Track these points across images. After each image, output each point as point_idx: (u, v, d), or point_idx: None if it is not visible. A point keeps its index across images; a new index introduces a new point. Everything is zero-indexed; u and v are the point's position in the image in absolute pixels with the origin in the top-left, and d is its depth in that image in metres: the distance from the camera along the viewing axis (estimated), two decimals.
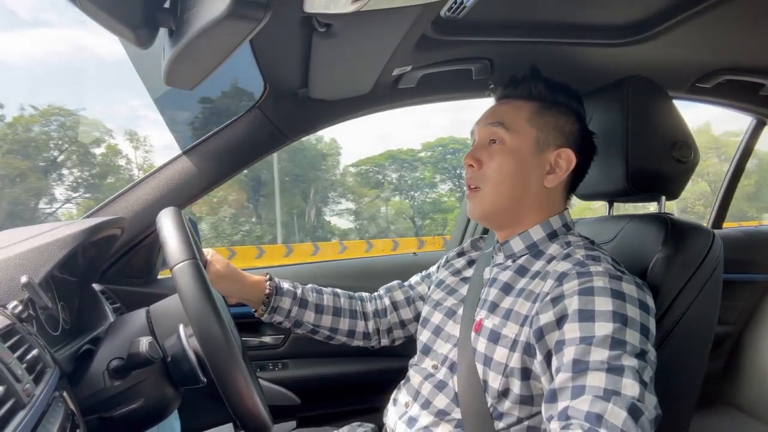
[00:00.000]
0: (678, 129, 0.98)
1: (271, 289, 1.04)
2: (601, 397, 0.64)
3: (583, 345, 0.68)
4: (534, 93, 0.91)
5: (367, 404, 1.43)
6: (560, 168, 0.88)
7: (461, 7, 0.90)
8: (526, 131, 0.88)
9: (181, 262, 0.70)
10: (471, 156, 0.90)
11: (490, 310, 0.84)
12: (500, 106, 0.92)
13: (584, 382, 0.66)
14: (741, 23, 1.04)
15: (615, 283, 0.73)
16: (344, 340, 1.10)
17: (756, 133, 1.80)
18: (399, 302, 1.11)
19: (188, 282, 0.69)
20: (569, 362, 0.68)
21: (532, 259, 0.87)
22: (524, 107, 0.90)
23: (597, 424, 0.62)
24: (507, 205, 0.88)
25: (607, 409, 0.62)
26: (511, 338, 0.78)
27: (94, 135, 12.69)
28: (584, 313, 0.71)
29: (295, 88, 1.17)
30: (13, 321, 0.62)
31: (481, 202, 0.89)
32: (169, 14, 0.60)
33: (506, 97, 0.94)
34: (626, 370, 0.65)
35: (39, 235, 0.79)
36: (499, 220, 0.91)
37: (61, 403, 0.62)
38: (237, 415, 0.70)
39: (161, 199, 1.21)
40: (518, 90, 0.92)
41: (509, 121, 0.88)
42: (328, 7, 0.66)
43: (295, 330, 1.08)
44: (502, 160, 0.87)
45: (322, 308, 1.07)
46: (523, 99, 0.91)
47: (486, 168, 0.88)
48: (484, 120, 0.92)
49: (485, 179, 0.88)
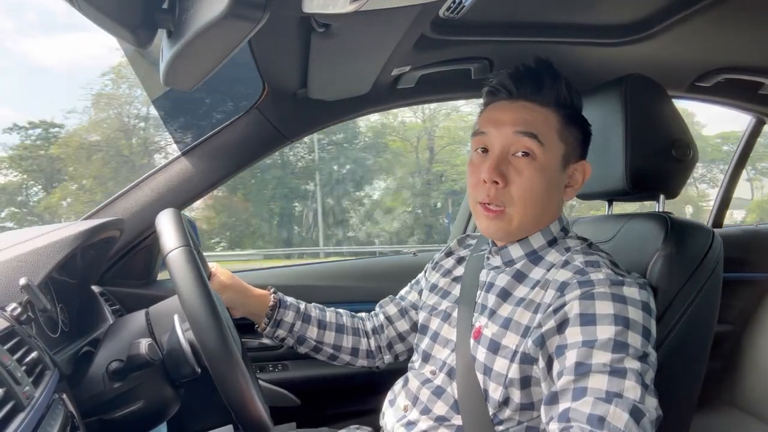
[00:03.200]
0: (677, 128, 0.98)
1: (275, 301, 1.03)
2: (603, 399, 0.63)
3: (585, 348, 0.68)
4: (561, 99, 0.81)
5: (366, 406, 1.42)
6: (576, 181, 0.85)
7: (460, 7, 0.90)
8: (557, 146, 0.80)
9: (175, 249, 0.71)
10: (496, 171, 0.78)
11: (488, 317, 0.83)
12: (524, 112, 0.80)
13: (586, 384, 0.65)
14: (740, 22, 1.04)
15: (616, 288, 0.72)
16: (348, 359, 1.09)
17: (755, 132, 1.80)
18: (393, 315, 1.09)
19: (181, 266, 0.69)
20: (571, 365, 0.67)
21: (531, 265, 0.84)
22: (553, 117, 0.80)
23: (599, 427, 0.61)
24: (532, 225, 0.83)
25: (609, 412, 0.62)
26: (511, 349, 0.77)
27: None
28: (585, 317, 0.70)
29: (294, 88, 1.17)
30: (12, 323, 0.62)
31: (509, 224, 0.81)
32: (168, 15, 0.59)
33: (524, 99, 0.81)
34: (628, 372, 0.65)
35: (38, 237, 0.79)
36: (516, 237, 0.85)
37: (61, 405, 0.62)
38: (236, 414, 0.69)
39: (160, 200, 1.21)
40: (544, 94, 0.80)
41: (543, 134, 0.78)
42: (327, 7, 0.66)
43: (299, 348, 1.07)
44: (533, 178, 0.78)
45: (325, 324, 1.06)
46: (548, 106, 0.80)
47: (514, 186, 0.78)
48: (507, 125, 0.79)
49: (513, 199, 0.79)
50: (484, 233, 0.85)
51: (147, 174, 1.23)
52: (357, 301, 1.39)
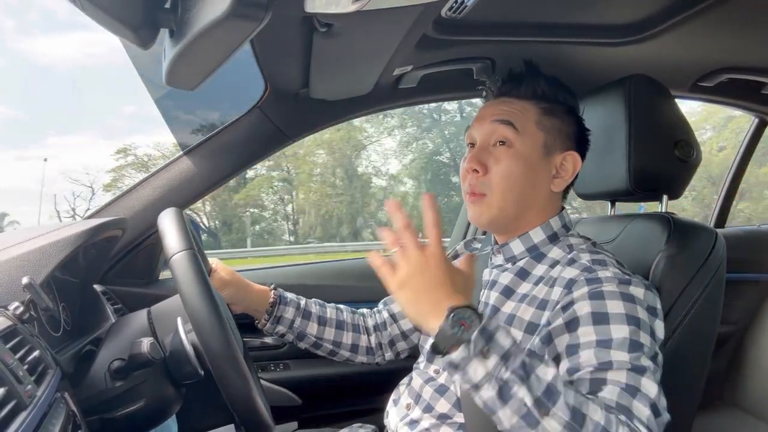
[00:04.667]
0: (680, 128, 0.98)
1: (275, 298, 1.04)
2: (626, 390, 0.63)
3: (601, 348, 0.67)
4: (539, 93, 0.86)
5: (369, 405, 1.42)
6: (566, 171, 0.86)
7: (462, 7, 0.90)
8: (534, 134, 0.84)
9: (178, 252, 0.71)
10: (475, 160, 0.84)
11: (490, 314, 0.83)
12: (503, 105, 0.86)
13: (605, 376, 0.65)
14: (742, 22, 1.04)
15: (624, 287, 0.72)
16: (348, 356, 1.09)
17: (758, 132, 1.80)
18: (398, 313, 1.09)
19: (185, 270, 0.70)
20: (588, 363, 0.67)
21: (534, 262, 0.85)
22: (531, 108, 0.85)
23: (629, 417, 0.61)
24: (514, 211, 0.85)
25: (633, 404, 0.62)
26: None
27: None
28: (598, 316, 0.70)
29: (295, 88, 1.17)
30: (14, 322, 0.62)
31: (489, 209, 0.84)
32: (170, 14, 0.59)
33: (505, 95, 0.88)
34: (646, 371, 0.65)
35: (40, 236, 0.79)
36: (503, 226, 0.88)
37: (63, 404, 0.62)
38: (238, 414, 0.70)
39: (162, 200, 1.21)
40: (521, 89, 0.87)
41: (518, 122, 0.83)
42: (329, 7, 0.66)
43: (299, 343, 1.07)
44: (511, 165, 0.82)
45: (325, 320, 1.07)
46: (526, 99, 0.86)
47: (492, 173, 0.83)
48: (487, 117, 0.86)
49: (492, 185, 0.83)
50: (471, 221, 0.89)
51: (149, 173, 1.24)
52: (357, 301, 1.39)
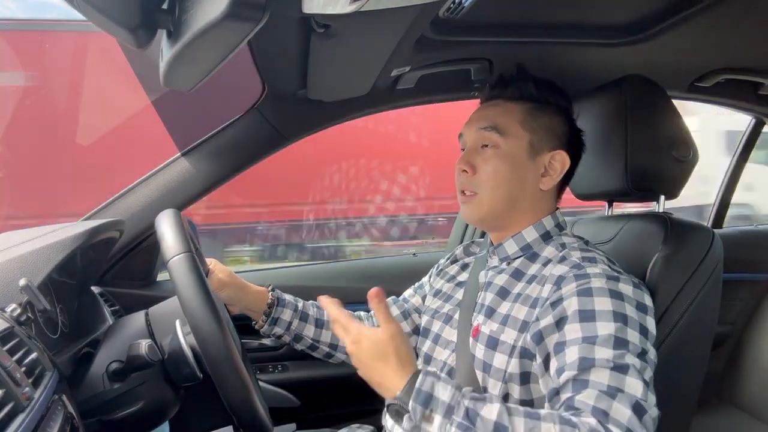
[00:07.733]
0: (677, 128, 0.98)
1: (272, 299, 1.04)
2: (606, 392, 0.64)
3: (586, 344, 0.68)
4: (525, 94, 0.88)
5: (367, 406, 1.42)
6: (554, 170, 0.87)
7: (460, 8, 0.90)
8: (519, 135, 0.86)
9: (177, 255, 0.71)
10: (465, 161, 0.88)
11: (487, 315, 0.84)
12: (490, 109, 0.90)
13: (588, 377, 0.66)
14: (739, 23, 1.04)
15: (612, 283, 0.73)
16: (344, 357, 1.09)
17: (755, 132, 1.80)
18: (395, 317, 1.09)
19: (183, 273, 0.69)
20: (572, 361, 0.68)
21: (528, 262, 0.86)
22: (516, 109, 0.88)
23: (604, 420, 0.62)
24: (503, 209, 0.87)
25: (612, 407, 0.62)
26: (509, 344, 0.78)
27: None
28: (584, 313, 0.70)
29: (293, 89, 1.17)
30: (11, 324, 0.62)
31: (479, 207, 0.88)
32: (167, 15, 0.59)
33: (494, 98, 0.91)
34: (630, 368, 0.65)
35: (38, 237, 0.79)
36: (494, 223, 0.91)
37: (61, 406, 0.62)
38: (236, 415, 0.69)
39: (160, 201, 1.21)
40: (508, 91, 0.90)
41: (502, 125, 0.86)
42: (327, 8, 0.66)
43: (295, 345, 1.07)
44: (497, 165, 0.86)
45: (323, 323, 1.06)
46: (513, 100, 0.89)
47: (481, 173, 0.87)
48: (474, 124, 0.90)
49: (480, 184, 0.87)
50: (463, 218, 0.94)
51: (147, 174, 1.23)
52: (356, 302, 1.39)
